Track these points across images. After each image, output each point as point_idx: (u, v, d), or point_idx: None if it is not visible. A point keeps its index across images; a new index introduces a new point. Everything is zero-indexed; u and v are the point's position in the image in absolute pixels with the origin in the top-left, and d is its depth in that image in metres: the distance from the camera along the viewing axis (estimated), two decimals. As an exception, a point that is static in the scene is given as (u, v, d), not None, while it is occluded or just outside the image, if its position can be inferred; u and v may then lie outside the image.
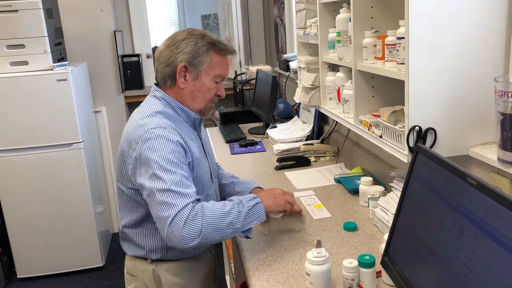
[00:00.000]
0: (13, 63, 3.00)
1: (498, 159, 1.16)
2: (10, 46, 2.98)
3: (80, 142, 3.13)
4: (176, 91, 1.47)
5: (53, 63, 3.04)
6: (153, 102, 1.47)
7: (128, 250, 1.53)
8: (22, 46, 2.99)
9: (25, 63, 3.01)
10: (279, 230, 1.57)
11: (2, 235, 3.20)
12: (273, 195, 1.48)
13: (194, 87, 1.45)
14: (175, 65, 1.43)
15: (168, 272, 1.48)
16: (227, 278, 2.95)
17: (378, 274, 1.24)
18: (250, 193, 1.63)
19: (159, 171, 1.30)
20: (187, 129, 1.47)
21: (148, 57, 4.08)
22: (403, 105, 1.28)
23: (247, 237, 1.40)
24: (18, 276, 3.24)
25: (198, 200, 1.33)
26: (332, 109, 1.93)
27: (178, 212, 1.25)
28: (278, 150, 2.42)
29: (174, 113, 1.46)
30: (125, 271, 1.58)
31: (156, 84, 1.51)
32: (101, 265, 3.35)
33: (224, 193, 1.71)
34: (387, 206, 1.51)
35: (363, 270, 1.19)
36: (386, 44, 1.38)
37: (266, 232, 1.55)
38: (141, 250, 1.48)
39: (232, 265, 2.40)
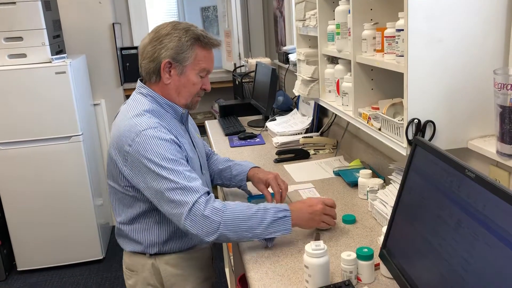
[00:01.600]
0: (11, 56, 2.99)
1: (497, 152, 1.15)
2: (8, 39, 2.97)
3: (79, 135, 3.13)
4: (161, 86, 1.45)
5: (52, 55, 3.03)
6: (140, 100, 1.45)
7: (126, 246, 1.53)
8: (20, 38, 2.97)
9: (23, 55, 3.00)
10: None
11: (2, 228, 3.20)
12: (309, 213, 1.38)
13: (179, 82, 1.44)
14: (159, 61, 1.41)
15: (167, 265, 1.50)
16: (227, 270, 2.96)
17: (377, 266, 1.25)
18: (248, 173, 1.67)
19: (161, 171, 1.30)
20: (175, 124, 1.47)
21: (147, 49, 4.06)
22: (402, 97, 1.27)
23: (267, 246, 1.38)
24: (18, 269, 3.26)
25: (208, 193, 1.33)
26: (331, 102, 1.93)
27: (190, 209, 1.27)
28: (278, 143, 2.41)
29: (161, 109, 1.45)
30: (123, 267, 1.59)
31: (141, 80, 1.49)
32: (101, 257, 3.36)
33: (222, 178, 1.73)
34: (385, 198, 1.51)
35: (361, 262, 1.20)
36: (386, 36, 1.37)
37: None
38: (139, 245, 1.49)
39: (232, 257, 2.40)
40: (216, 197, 1.44)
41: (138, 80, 1.50)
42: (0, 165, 3.07)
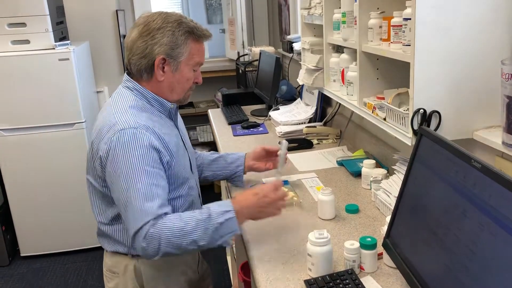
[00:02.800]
0: (15, 42, 2.98)
1: (503, 142, 1.15)
2: (12, 25, 2.96)
3: (82, 122, 3.13)
4: (152, 84, 1.37)
5: (55, 42, 3.02)
6: (125, 94, 1.37)
7: (108, 246, 1.45)
8: (23, 24, 2.96)
9: (27, 42, 2.99)
10: None
11: (6, 213, 3.22)
12: (258, 207, 1.29)
13: (173, 78, 1.37)
14: (152, 58, 1.32)
15: (150, 267, 1.43)
16: (228, 258, 2.98)
17: (380, 256, 1.25)
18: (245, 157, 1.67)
19: (125, 181, 1.24)
20: (162, 120, 1.39)
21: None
22: (408, 87, 1.27)
23: (221, 246, 1.29)
24: (21, 254, 3.28)
25: (165, 213, 1.24)
26: (335, 91, 1.92)
27: (136, 232, 1.21)
28: (281, 132, 2.41)
29: (148, 105, 1.37)
30: (104, 269, 1.50)
31: (128, 73, 1.40)
32: (104, 244, 3.38)
33: (214, 169, 1.70)
34: (389, 188, 1.51)
35: (364, 251, 1.20)
36: (392, 25, 1.36)
37: None
38: (121, 246, 1.41)
39: (234, 245, 2.41)
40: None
41: (125, 73, 1.41)
42: (3, 151, 3.08)
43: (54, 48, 3.00)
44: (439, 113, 1.25)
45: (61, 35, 3.26)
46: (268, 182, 1.58)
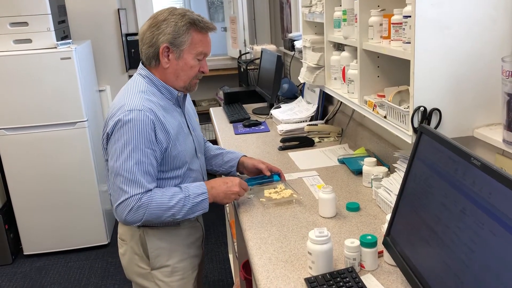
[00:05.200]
0: (17, 41, 2.99)
1: (503, 140, 1.15)
2: (14, 24, 2.96)
3: (84, 121, 3.13)
4: (160, 71, 1.52)
5: (57, 41, 3.02)
6: (138, 81, 1.53)
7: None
8: (25, 24, 2.97)
9: (29, 41, 2.99)
10: (275, 203, 1.61)
11: (9, 212, 3.23)
12: (225, 193, 1.54)
13: (177, 66, 1.50)
14: (157, 46, 1.48)
15: (154, 237, 1.56)
16: (230, 256, 2.99)
17: (380, 254, 1.25)
18: (238, 161, 1.78)
19: (122, 154, 1.41)
20: (169, 107, 1.53)
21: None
22: (408, 85, 1.26)
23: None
24: (24, 253, 3.29)
25: (151, 190, 1.43)
26: (336, 89, 1.92)
27: (126, 199, 1.41)
28: (282, 130, 2.41)
29: (157, 91, 1.52)
30: (118, 237, 1.67)
31: (142, 63, 1.56)
32: (106, 242, 3.39)
33: (213, 164, 1.82)
34: (390, 186, 1.50)
35: (365, 250, 1.20)
36: (392, 23, 1.36)
37: (264, 204, 1.61)
38: None
39: (235, 244, 2.42)
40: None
41: (140, 63, 1.56)
42: (6, 150, 3.09)
43: (56, 47, 3.00)
44: (439, 110, 1.25)
45: (63, 34, 3.26)
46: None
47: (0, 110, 3.01)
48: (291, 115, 2.58)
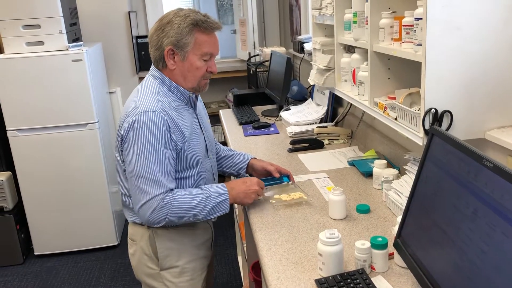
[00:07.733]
0: (29, 43, 3.03)
1: (515, 142, 1.14)
2: (26, 26, 3.00)
3: (95, 123, 3.16)
4: (168, 72, 1.53)
5: (68, 43, 3.06)
6: (150, 82, 1.54)
7: (128, 216, 1.62)
8: (37, 26, 3.00)
9: (41, 43, 3.03)
10: (285, 205, 1.61)
11: (20, 213, 3.27)
12: (245, 193, 1.55)
13: (183, 67, 1.51)
14: (162, 49, 1.49)
15: (163, 237, 1.57)
16: (239, 258, 2.99)
17: (391, 256, 1.25)
18: (248, 163, 1.78)
19: (141, 156, 1.41)
20: (182, 107, 1.54)
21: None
22: (419, 87, 1.26)
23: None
24: (35, 253, 3.32)
25: (172, 189, 1.45)
26: (347, 91, 1.92)
27: (148, 200, 1.42)
28: (292, 132, 2.41)
29: (169, 92, 1.53)
30: (128, 237, 1.68)
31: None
32: (116, 243, 3.41)
33: (223, 166, 1.83)
34: (400, 189, 1.50)
35: (375, 251, 1.20)
36: (403, 25, 1.36)
37: (274, 206, 1.61)
38: (138, 217, 1.55)
39: (245, 245, 2.42)
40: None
41: (152, 64, 1.58)
42: (17, 151, 3.12)
43: (67, 49, 3.03)
44: (450, 112, 1.24)
45: (74, 36, 3.30)
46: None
47: (12, 111, 3.05)
48: (301, 117, 2.58)
